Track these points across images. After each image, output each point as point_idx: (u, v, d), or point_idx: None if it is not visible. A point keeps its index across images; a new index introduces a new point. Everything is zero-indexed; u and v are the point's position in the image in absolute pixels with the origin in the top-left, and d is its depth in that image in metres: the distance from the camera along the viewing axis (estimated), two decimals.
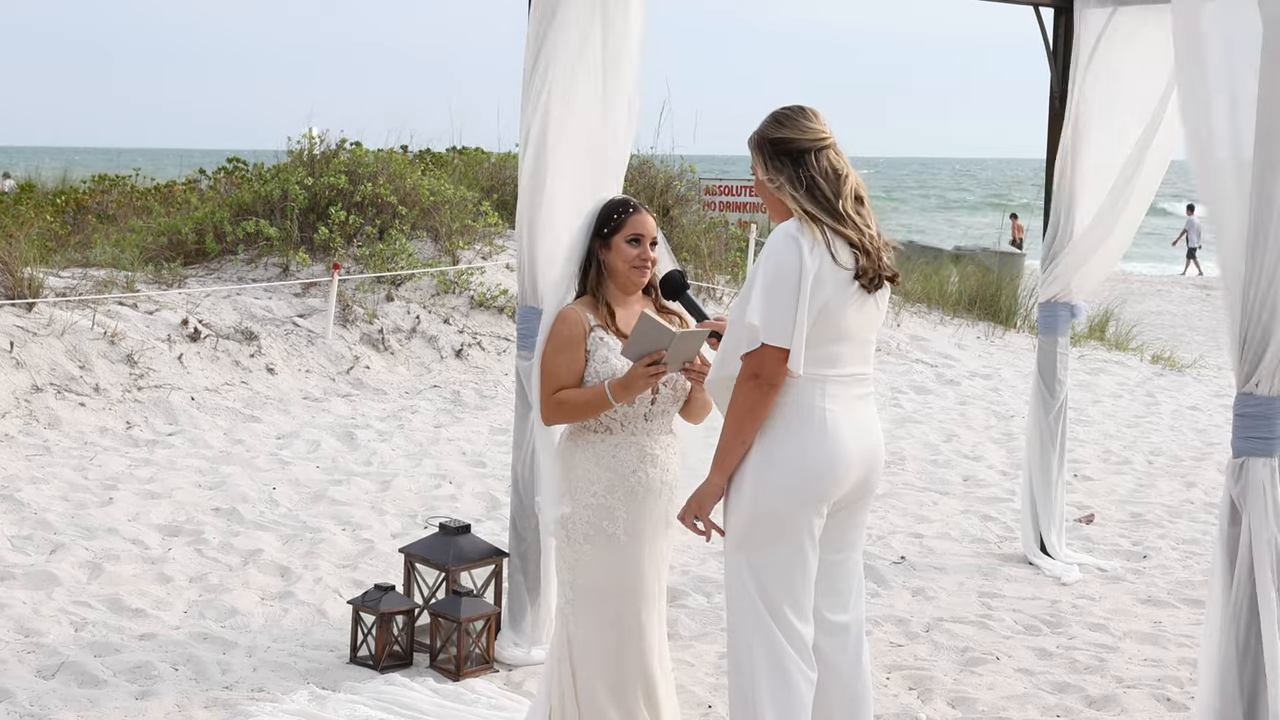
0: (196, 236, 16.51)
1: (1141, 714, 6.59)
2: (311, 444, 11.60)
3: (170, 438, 11.51)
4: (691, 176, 21.34)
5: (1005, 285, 20.41)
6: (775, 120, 4.80)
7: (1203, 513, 10.50)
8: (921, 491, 10.90)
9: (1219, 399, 15.54)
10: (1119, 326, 19.72)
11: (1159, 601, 8.36)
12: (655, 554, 5.32)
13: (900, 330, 18.01)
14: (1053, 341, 9.16)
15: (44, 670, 6.63)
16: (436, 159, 21.35)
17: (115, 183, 21.66)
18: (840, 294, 4.66)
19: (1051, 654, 7.40)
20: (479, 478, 10.75)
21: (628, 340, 5.06)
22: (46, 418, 11.41)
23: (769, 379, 4.61)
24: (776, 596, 4.71)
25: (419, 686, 6.54)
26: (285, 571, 8.34)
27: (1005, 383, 15.99)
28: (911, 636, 7.63)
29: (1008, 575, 8.83)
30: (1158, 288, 31.79)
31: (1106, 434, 13.44)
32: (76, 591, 7.80)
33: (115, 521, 9.08)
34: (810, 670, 4.76)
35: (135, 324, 13.18)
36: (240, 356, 13.41)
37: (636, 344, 5.03)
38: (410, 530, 9.21)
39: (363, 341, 14.47)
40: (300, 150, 17.77)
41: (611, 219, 5.27)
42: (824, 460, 4.69)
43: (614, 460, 5.22)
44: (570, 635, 5.31)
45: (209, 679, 6.63)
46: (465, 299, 15.77)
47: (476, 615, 6.78)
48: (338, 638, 7.26)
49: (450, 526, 7.21)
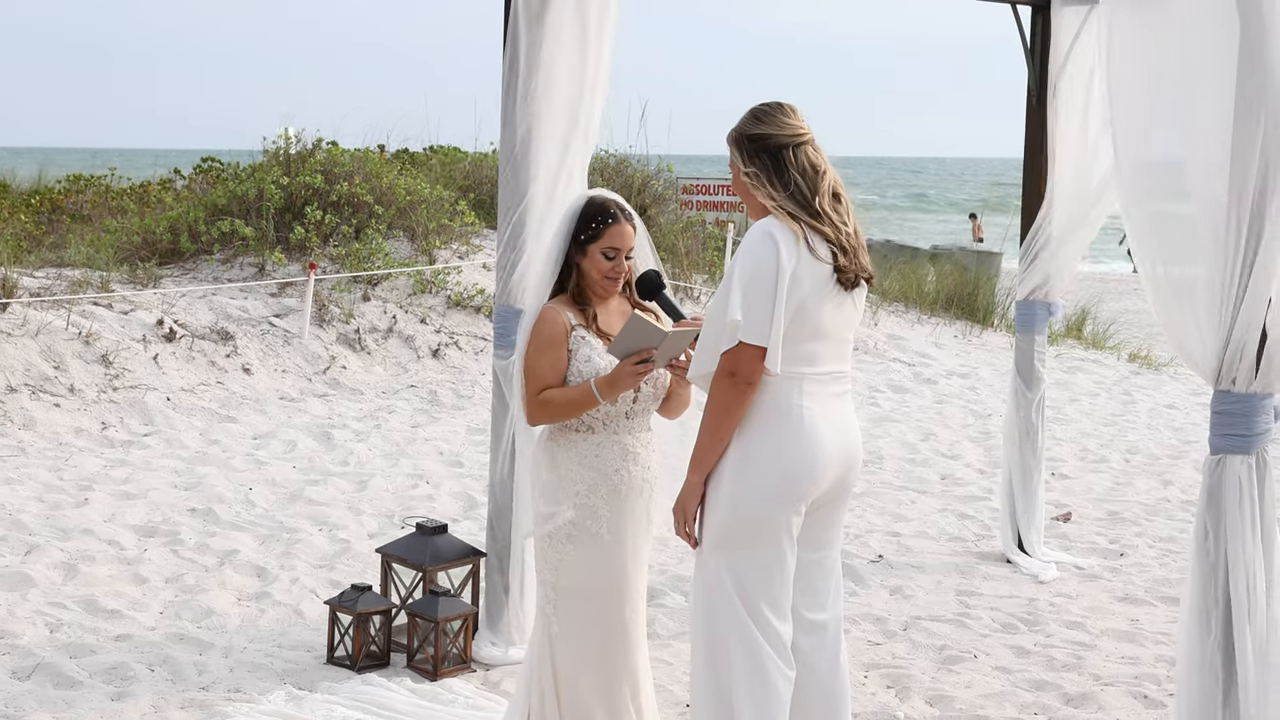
0: (172, 236, 16.46)
1: (1119, 711, 6.60)
2: (288, 444, 11.56)
3: (146, 438, 11.47)
4: (669, 176, 21.34)
5: (983, 284, 20.43)
6: (753, 116, 4.79)
7: (1180, 511, 10.52)
8: (899, 490, 10.91)
9: (1196, 397, 15.58)
10: (1096, 325, 19.76)
11: (1136, 599, 8.38)
12: (638, 552, 5.31)
13: (878, 329, 18.02)
14: (1030, 340, 9.17)
15: (19, 672, 6.60)
16: (413, 158, 21.31)
17: (90, 182, 21.56)
18: (817, 292, 4.65)
19: (1029, 652, 7.41)
20: (456, 478, 10.73)
21: (615, 338, 5.03)
22: (21, 418, 11.36)
23: (746, 377, 4.60)
24: (755, 595, 4.70)
25: (396, 687, 6.52)
26: (262, 572, 8.31)
27: (983, 381, 16.02)
28: (889, 635, 7.63)
29: (985, 574, 8.84)
30: (1134, 286, 31.85)
31: (1084, 432, 13.47)
32: (52, 593, 7.76)
33: (91, 522, 9.04)
34: (789, 669, 4.75)
35: (110, 324, 13.13)
36: (216, 357, 13.36)
37: (625, 342, 5.00)
38: (387, 530, 9.19)
39: (339, 341, 14.44)
40: (276, 150, 17.73)
41: (590, 227, 5.18)
42: (802, 459, 4.68)
43: (597, 459, 5.20)
44: (553, 636, 5.28)
45: (185, 680, 6.61)
46: (442, 299, 15.75)
47: (454, 615, 6.77)
48: (314, 638, 7.23)
49: (427, 526, 7.19)
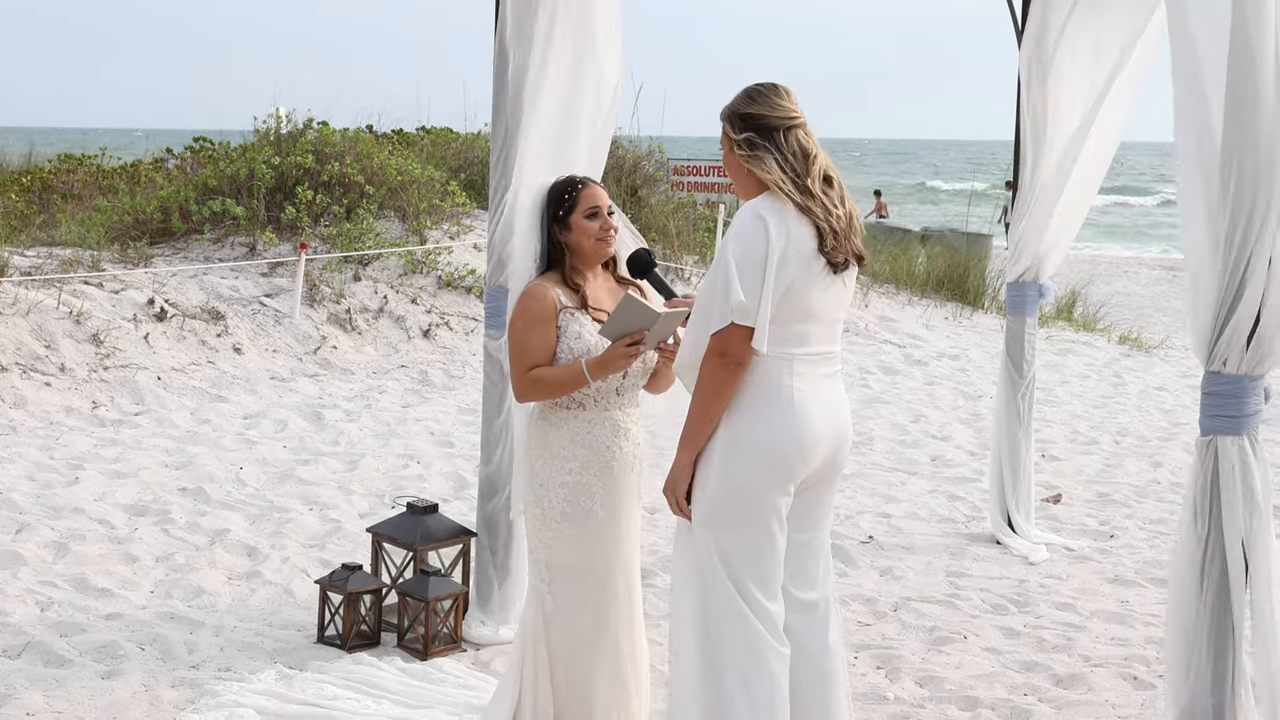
0: (163, 216, 16.43)
1: (1108, 692, 6.62)
2: (279, 424, 11.56)
3: (136, 417, 11.46)
4: (660, 157, 21.33)
5: (973, 266, 20.44)
6: (747, 95, 4.79)
7: (1169, 493, 10.54)
8: (889, 471, 10.92)
9: (1186, 379, 15.60)
10: (1086, 307, 19.78)
11: (1126, 581, 8.39)
12: (631, 528, 5.33)
13: (868, 311, 18.03)
14: (1021, 322, 9.18)
15: (10, 650, 6.60)
16: (405, 139, 21.28)
17: (81, 162, 21.53)
18: (805, 273, 4.65)
19: (1019, 633, 7.43)
20: (447, 457, 10.73)
21: (608, 320, 5.04)
22: (12, 397, 11.35)
23: (735, 358, 4.61)
24: (744, 575, 4.71)
25: (387, 666, 6.52)
26: (252, 551, 8.31)
27: (973, 363, 16.03)
28: (879, 616, 7.64)
29: (975, 555, 8.85)
30: (1125, 269, 31.92)
31: (1074, 414, 13.49)
32: (42, 571, 7.76)
33: (81, 501, 9.03)
34: (782, 645, 4.75)
35: (101, 303, 13.11)
36: (207, 336, 13.35)
37: (617, 324, 5.02)
38: (378, 510, 9.19)
39: (330, 321, 14.42)
40: (267, 130, 17.70)
41: (564, 199, 5.24)
42: (791, 439, 4.68)
43: (589, 436, 5.21)
44: (547, 615, 5.29)
45: (176, 658, 6.61)
46: (433, 279, 15.73)
47: (444, 595, 6.77)
48: (305, 617, 7.24)
49: (418, 506, 7.20)
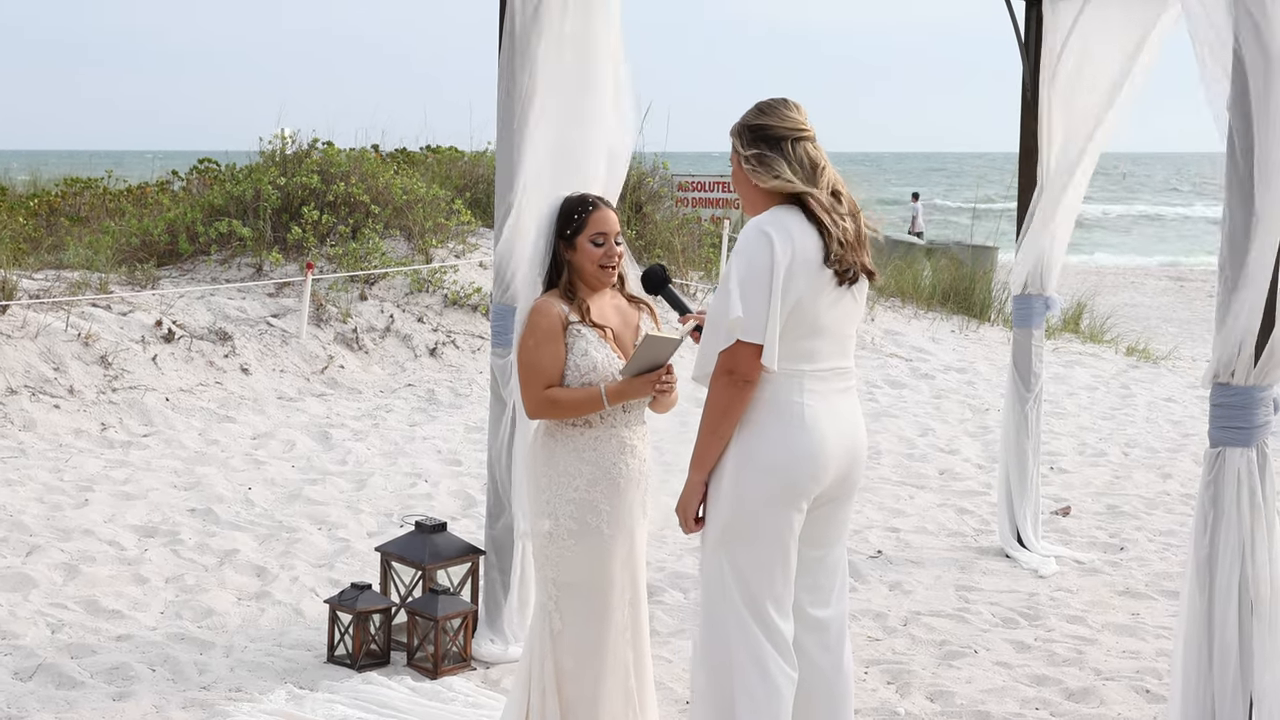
0: (169, 237, 16.44)
1: (1120, 705, 6.61)
2: (286, 444, 11.57)
3: (145, 439, 11.47)
4: (664, 173, 21.34)
5: (979, 279, 20.43)
6: (757, 109, 4.82)
7: (1179, 504, 10.53)
8: (898, 485, 10.91)
9: (1194, 390, 15.58)
10: (1093, 319, 19.76)
11: (1136, 593, 8.38)
12: (636, 545, 5.32)
13: (874, 324, 18.02)
14: (1027, 334, 9.19)
15: (21, 672, 6.60)
16: (409, 158, 21.30)
17: (87, 185, 21.55)
18: (813, 287, 4.65)
19: (1030, 646, 7.42)
20: (454, 476, 10.74)
21: (630, 360, 5.11)
22: (21, 420, 11.36)
23: (744, 375, 4.61)
24: (758, 594, 4.69)
25: (396, 685, 6.53)
26: (262, 571, 8.31)
27: (980, 376, 16.02)
28: (889, 631, 7.64)
29: (985, 568, 8.84)
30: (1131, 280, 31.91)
31: (1082, 426, 13.47)
32: (53, 593, 7.76)
33: (91, 523, 9.04)
34: (791, 669, 4.74)
35: (109, 325, 13.13)
36: (214, 357, 13.37)
37: (640, 362, 5.09)
38: (386, 529, 9.19)
39: (337, 341, 14.44)
40: (272, 150, 17.73)
41: (573, 219, 5.24)
42: (803, 455, 4.67)
43: (595, 454, 5.22)
44: (555, 632, 5.28)
45: (186, 679, 6.61)
46: (439, 297, 15.75)
47: (453, 613, 6.77)
48: (315, 637, 7.24)
49: (426, 525, 7.20)
